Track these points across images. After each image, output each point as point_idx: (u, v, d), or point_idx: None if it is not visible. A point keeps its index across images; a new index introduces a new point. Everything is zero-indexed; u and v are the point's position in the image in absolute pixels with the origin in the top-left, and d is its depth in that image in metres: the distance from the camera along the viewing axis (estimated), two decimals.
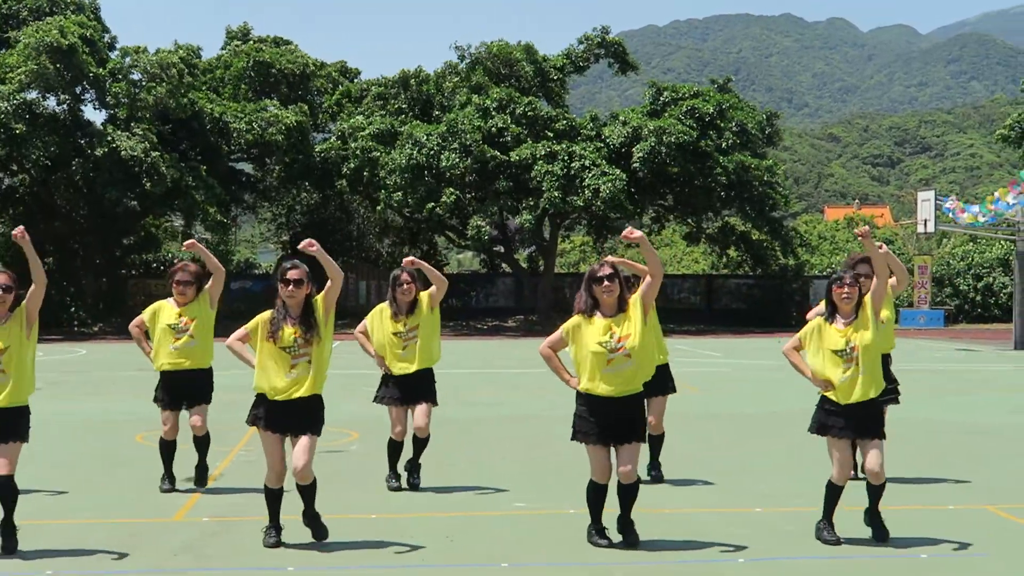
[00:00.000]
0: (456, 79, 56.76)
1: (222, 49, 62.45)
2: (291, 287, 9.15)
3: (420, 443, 11.78)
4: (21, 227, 9.19)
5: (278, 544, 9.22)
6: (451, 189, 50.90)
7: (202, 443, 11.72)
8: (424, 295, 11.66)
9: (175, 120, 52.70)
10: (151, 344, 11.68)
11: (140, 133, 49.70)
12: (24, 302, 9.13)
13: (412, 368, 11.52)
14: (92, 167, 49.13)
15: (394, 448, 11.86)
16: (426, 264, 11.65)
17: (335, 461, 13.26)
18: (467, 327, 54.57)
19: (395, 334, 11.55)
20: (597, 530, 9.37)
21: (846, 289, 9.47)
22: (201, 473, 11.77)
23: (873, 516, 9.64)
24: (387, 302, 11.68)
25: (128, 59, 52.46)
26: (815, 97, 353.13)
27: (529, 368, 28.89)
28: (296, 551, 9.10)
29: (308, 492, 9.29)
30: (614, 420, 9.13)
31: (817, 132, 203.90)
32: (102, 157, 48.74)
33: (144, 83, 51.64)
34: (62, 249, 55.45)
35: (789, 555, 9.11)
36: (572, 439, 9.36)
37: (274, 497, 9.32)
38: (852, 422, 9.46)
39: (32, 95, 50.05)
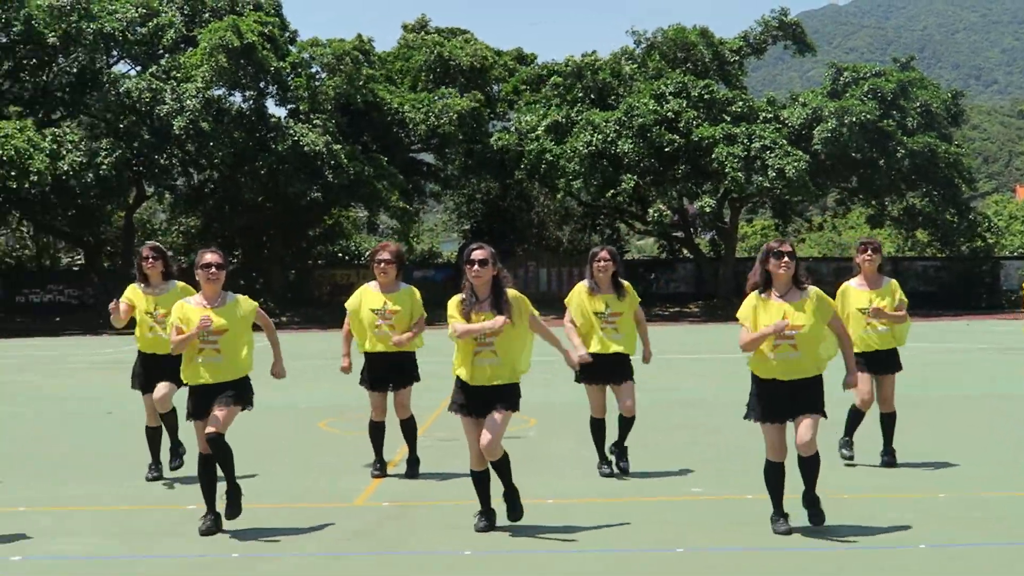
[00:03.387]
0: (633, 65, 56.58)
1: (398, 41, 63.21)
2: (476, 267, 9.19)
3: (626, 423, 11.71)
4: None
5: (489, 528, 9.28)
6: (630, 175, 50.79)
7: (408, 428, 11.84)
8: (631, 289, 11.66)
9: (355, 112, 53.54)
10: (349, 346, 11.85)
11: (321, 126, 50.61)
12: (257, 314, 9.52)
13: (612, 349, 11.48)
14: (276, 161, 50.20)
15: (598, 428, 11.78)
16: None
17: (512, 447, 13.33)
18: (648, 313, 54.28)
19: (596, 314, 11.51)
20: (777, 514, 9.23)
21: None
22: (412, 466, 11.89)
23: None
24: (585, 280, 11.68)
25: (306, 53, 53.54)
26: (1005, 73, 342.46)
27: (708, 354, 28.71)
28: (473, 535, 9.18)
29: (501, 467, 9.32)
30: (785, 399, 9.05)
31: (1007, 109, 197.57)
32: (285, 151, 49.78)
33: (323, 76, 52.63)
34: (250, 242, 56.84)
35: (970, 542, 8.88)
36: (744, 417, 9.29)
37: (480, 480, 9.35)
38: None
39: (218, 92, 51.40)
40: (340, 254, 65.13)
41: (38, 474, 12.53)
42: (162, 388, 11.46)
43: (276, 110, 55.73)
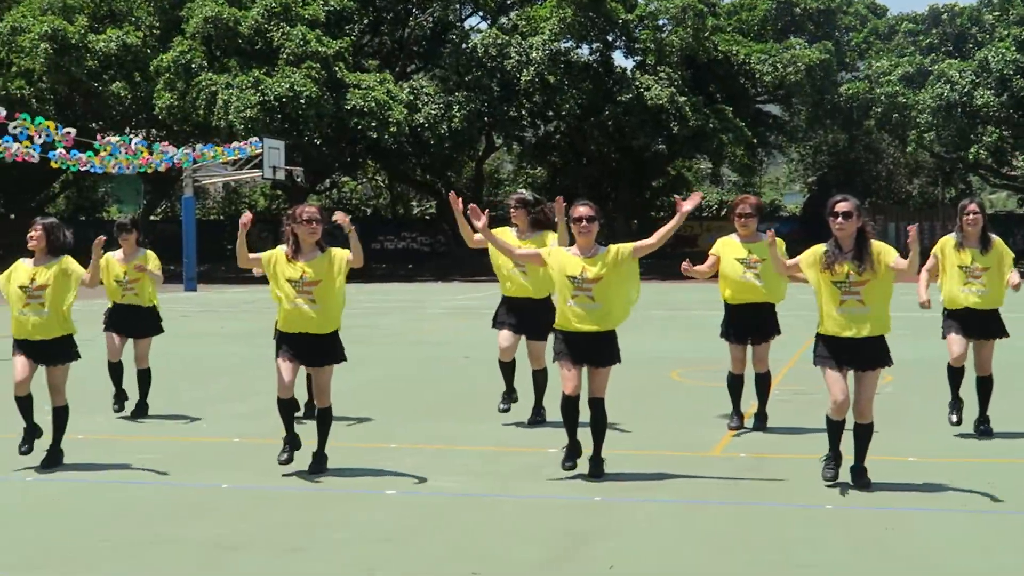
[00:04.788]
0: (995, 13, 54.31)
1: None
2: (840, 219, 9.09)
3: (984, 384, 11.43)
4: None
5: (836, 478, 9.24)
6: (992, 128, 48.90)
7: (764, 383, 11.81)
8: (1000, 244, 11.34)
9: (700, 64, 53.36)
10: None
11: (666, 78, 50.68)
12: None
13: (983, 305, 11.22)
14: (621, 113, 50.58)
15: (956, 375, 11.54)
16: None
17: None
18: None
19: (961, 267, 11.23)
20: None
21: None
22: (760, 420, 11.86)
23: None
24: (952, 233, 11.42)
25: (653, 5, 53.62)
26: None
27: None
28: (829, 490, 9.14)
29: (865, 434, 9.24)
30: None
31: None
32: (630, 103, 50.10)
33: (669, 28, 52.63)
34: (594, 193, 57.50)
35: None
36: None
37: (835, 428, 9.30)
38: None
39: (565, 44, 52.11)
40: None
41: (405, 413, 13.15)
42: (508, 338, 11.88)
43: (623, 62, 56.17)
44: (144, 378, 13.18)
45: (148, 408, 13.19)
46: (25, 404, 10.23)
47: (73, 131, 25.44)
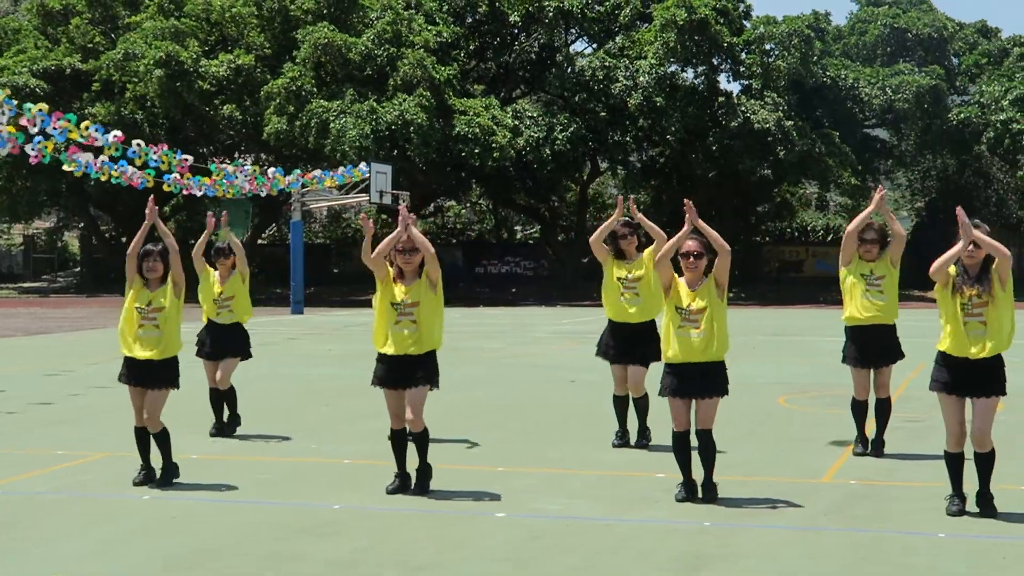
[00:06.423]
0: None
1: (854, 14, 62.09)
2: (972, 246, 9.06)
3: None
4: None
5: (961, 513, 9.12)
6: None
7: (884, 409, 11.66)
8: None
9: (807, 88, 53.01)
10: None
11: (772, 102, 50.40)
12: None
13: None
14: (727, 137, 50.39)
15: None
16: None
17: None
18: None
19: None
20: None
21: None
22: (877, 447, 11.68)
23: None
24: None
25: (760, 29, 53.36)
26: None
27: None
28: (948, 519, 9.03)
29: (987, 462, 9.13)
30: None
31: None
32: (736, 127, 49.89)
33: (776, 52, 52.37)
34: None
35: None
36: None
37: (953, 462, 9.21)
38: None
39: (671, 68, 52.02)
40: (788, 231, 64.72)
41: (511, 436, 13.22)
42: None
43: (729, 85, 55.99)
44: (230, 395, 13.38)
45: (240, 419, 13.43)
46: (143, 436, 10.47)
47: (190, 159, 25.95)
